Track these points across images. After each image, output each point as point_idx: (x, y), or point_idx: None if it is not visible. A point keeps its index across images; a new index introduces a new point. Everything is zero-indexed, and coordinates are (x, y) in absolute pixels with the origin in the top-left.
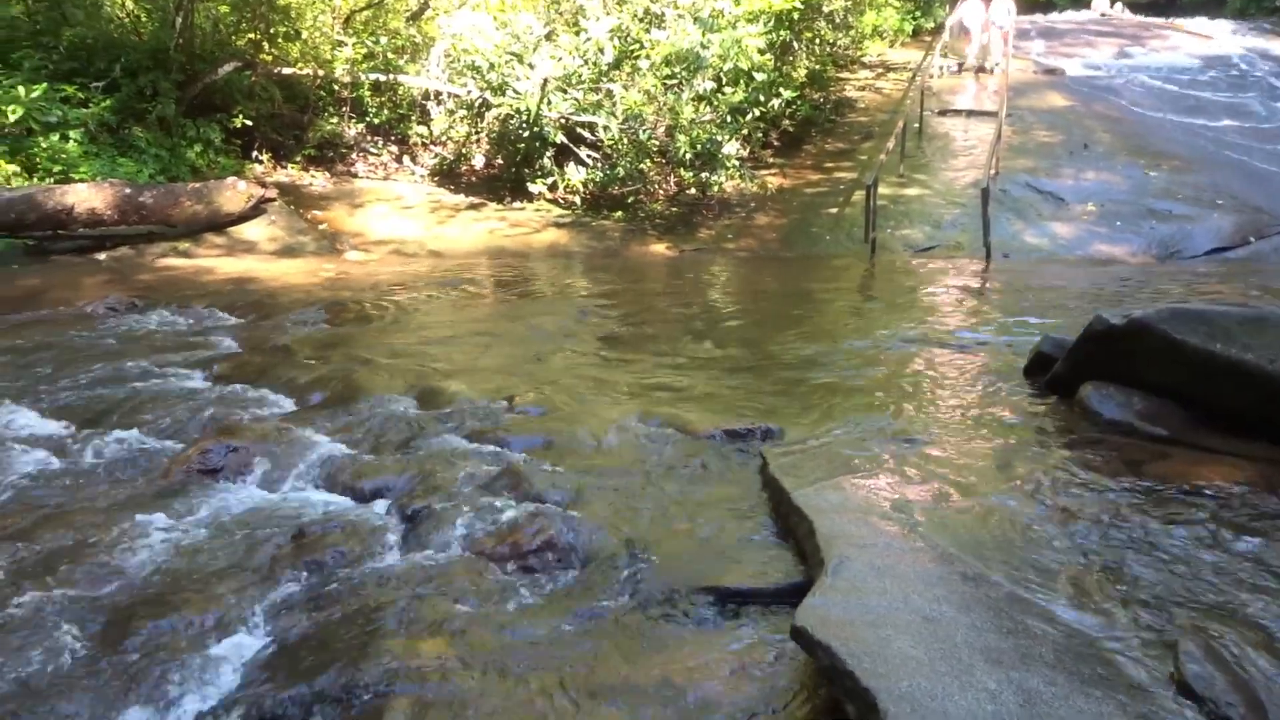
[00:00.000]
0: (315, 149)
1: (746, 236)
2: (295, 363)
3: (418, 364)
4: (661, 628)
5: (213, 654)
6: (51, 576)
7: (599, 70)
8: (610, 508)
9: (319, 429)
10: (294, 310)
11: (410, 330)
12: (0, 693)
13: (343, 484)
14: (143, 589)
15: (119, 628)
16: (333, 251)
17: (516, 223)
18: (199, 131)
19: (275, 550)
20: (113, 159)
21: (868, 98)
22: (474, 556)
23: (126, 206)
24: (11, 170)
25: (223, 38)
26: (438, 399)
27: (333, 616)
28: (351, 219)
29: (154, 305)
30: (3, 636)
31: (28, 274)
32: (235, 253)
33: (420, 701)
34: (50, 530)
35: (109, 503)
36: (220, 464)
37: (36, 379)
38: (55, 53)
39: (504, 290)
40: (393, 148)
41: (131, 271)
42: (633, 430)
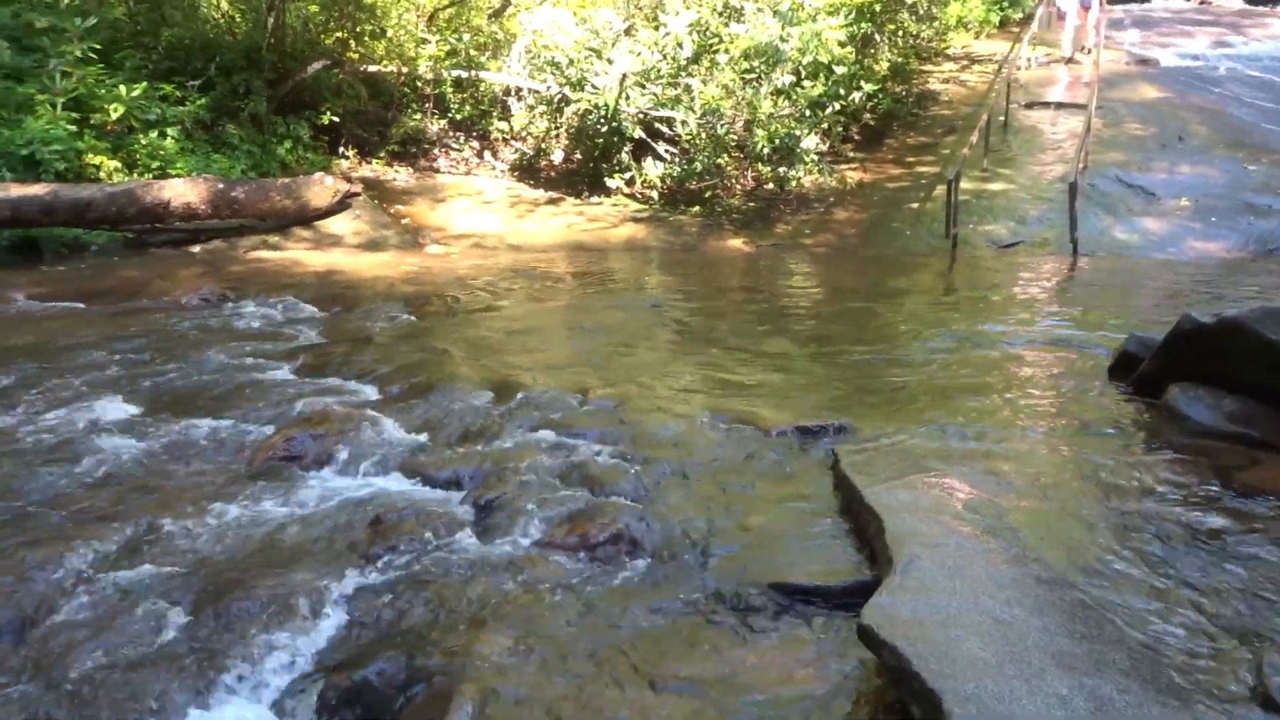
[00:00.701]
0: (399, 145)
1: (824, 232)
2: (377, 354)
3: (494, 356)
4: (727, 622)
5: (293, 632)
6: (146, 554)
7: (677, 65)
8: (680, 501)
9: (398, 419)
10: (377, 303)
11: (489, 323)
12: (98, 663)
13: (419, 473)
14: (229, 568)
15: (207, 604)
16: (415, 245)
17: (594, 217)
18: (289, 128)
19: (353, 536)
20: (207, 155)
21: (951, 90)
22: (544, 546)
23: (220, 201)
24: (113, 166)
25: (312, 37)
26: (513, 391)
27: (406, 601)
28: (433, 213)
29: (244, 297)
30: (101, 610)
31: (128, 266)
32: (322, 246)
33: (487, 687)
34: (145, 510)
35: (199, 486)
36: (303, 451)
37: (135, 367)
38: (154, 53)
39: (580, 284)
40: (474, 143)
41: (223, 264)
42: (704, 425)
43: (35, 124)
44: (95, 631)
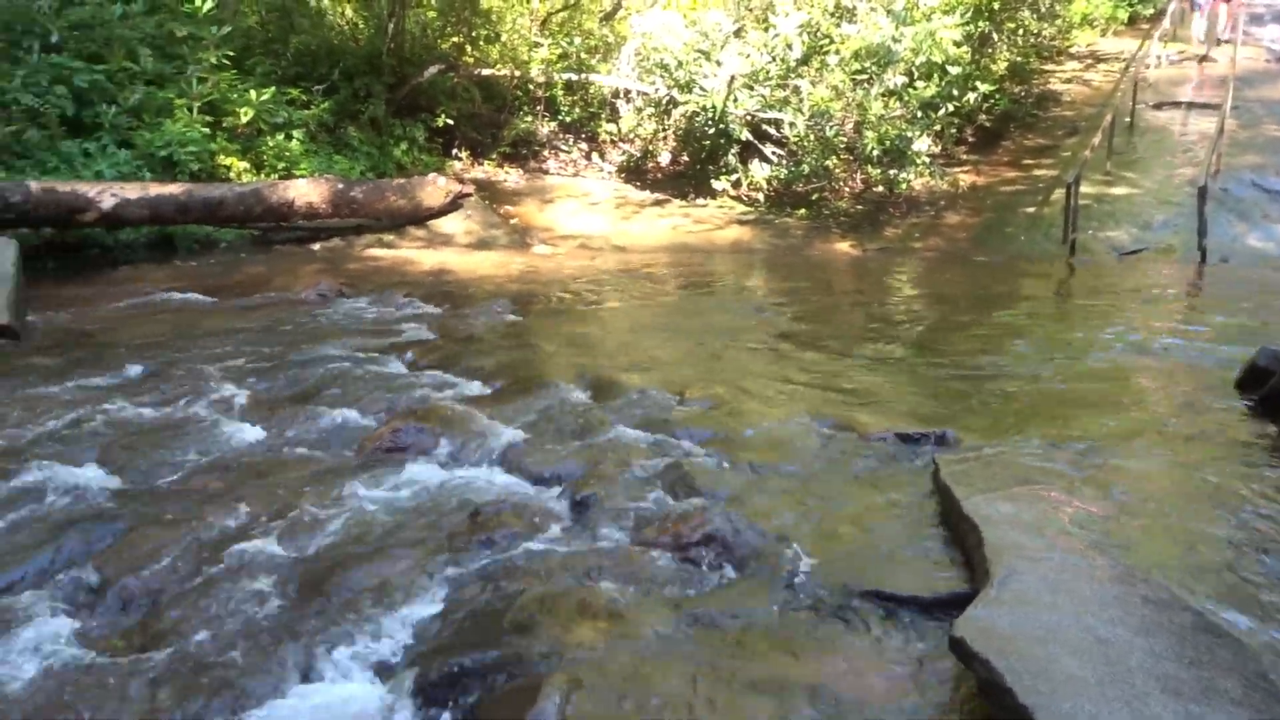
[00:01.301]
0: (510, 146)
1: (935, 236)
2: (483, 350)
3: (596, 355)
4: (817, 628)
5: (394, 615)
6: (261, 535)
7: (787, 66)
8: (774, 505)
9: (500, 414)
10: (484, 300)
11: (591, 322)
12: (212, 635)
13: (518, 467)
14: (336, 551)
15: (315, 585)
16: (522, 245)
17: (700, 219)
18: (405, 130)
19: (453, 526)
20: (329, 156)
21: (1074, 90)
22: (637, 544)
23: (339, 200)
24: (242, 167)
25: (429, 42)
26: (613, 390)
27: (501, 592)
28: (541, 214)
29: (359, 293)
30: (218, 585)
31: (253, 262)
32: (433, 245)
33: (577, 680)
34: (263, 493)
35: (310, 472)
36: (409, 443)
37: (257, 358)
38: (283, 59)
39: (684, 285)
40: (583, 145)
41: (341, 261)
42: (802, 428)
43: (173, 127)
44: (211, 605)
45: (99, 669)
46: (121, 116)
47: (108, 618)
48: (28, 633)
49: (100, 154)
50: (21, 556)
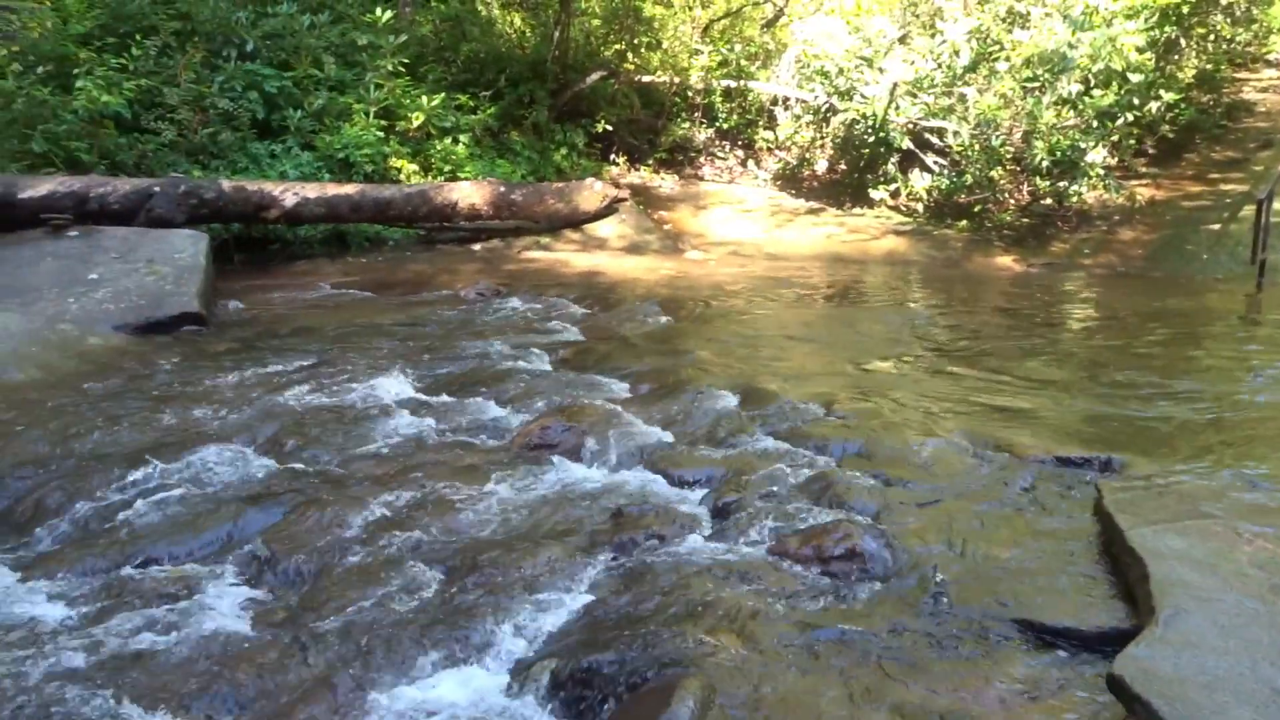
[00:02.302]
0: (666, 152)
1: (1106, 252)
2: (631, 353)
3: (744, 362)
4: (963, 654)
5: (534, 609)
6: (415, 521)
7: (953, 73)
8: (921, 524)
9: (646, 416)
10: (635, 304)
11: (741, 329)
12: (364, 613)
13: (662, 470)
14: (483, 542)
15: (461, 573)
16: (674, 251)
17: (855, 228)
18: (565, 135)
19: (596, 524)
20: (492, 160)
21: (1270, 101)
22: (777, 555)
23: (500, 203)
24: (411, 169)
25: (592, 49)
26: (759, 398)
27: (640, 592)
28: (694, 220)
29: (515, 293)
30: (372, 566)
31: (418, 260)
32: (588, 248)
33: (712, 687)
34: (418, 482)
35: (461, 464)
36: (557, 440)
37: (418, 352)
38: (454, 66)
39: (836, 295)
40: (739, 152)
41: (499, 261)
42: (954, 446)
43: (351, 130)
44: (365, 585)
45: (261, 638)
46: (305, 120)
47: (273, 590)
48: (205, 599)
49: (285, 155)
50: (203, 528)
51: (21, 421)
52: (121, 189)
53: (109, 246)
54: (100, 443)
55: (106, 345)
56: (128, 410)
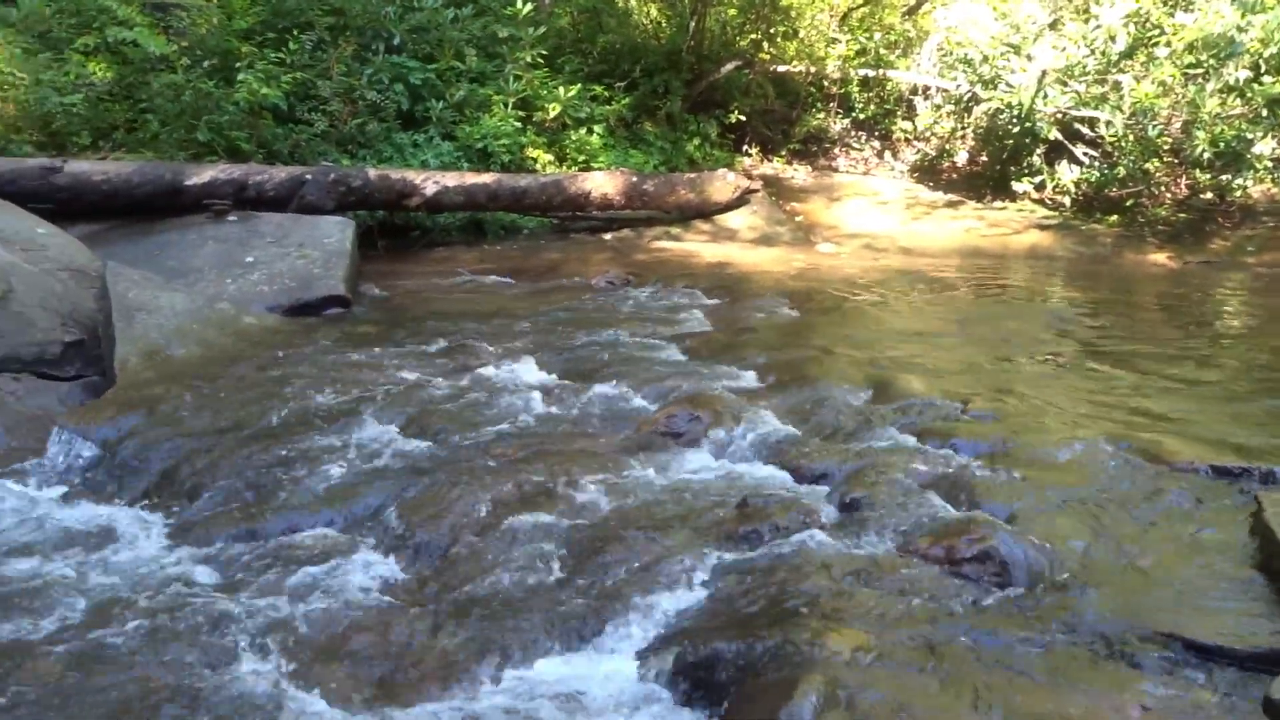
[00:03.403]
0: (800, 143)
1: (1273, 250)
2: (759, 344)
3: (875, 357)
4: (1103, 668)
5: (658, 596)
6: (539, 504)
7: (1107, 60)
8: (1060, 529)
9: (773, 408)
10: (764, 296)
11: (872, 323)
12: (491, 593)
13: (788, 463)
14: (605, 528)
15: (586, 557)
16: (806, 243)
17: (995, 222)
18: (698, 126)
19: (720, 515)
20: (625, 151)
21: None
22: (905, 553)
23: (632, 193)
24: (547, 159)
25: (728, 39)
26: (890, 393)
27: (763, 585)
28: (827, 212)
29: (644, 282)
30: (500, 547)
31: (551, 249)
32: (718, 239)
33: (834, 683)
34: (542, 465)
35: (589, 449)
36: (683, 429)
37: (549, 337)
38: (590, 57)
39: (974, 291)
40: (875, 143)
41: (629, 251)
42: (1097, 451)
43: (490, 121)
44: (493, 565)
45: (396, 609)
46: (447, 111)
47: (408, 563)
48: (344, 568)
49: (427, 145)
50: (343, 500)
51: (182, 394)
52: (277, 177)
53: (264, 231)
54: (251, 416)
55: (260, 324)
56: (277, 386)
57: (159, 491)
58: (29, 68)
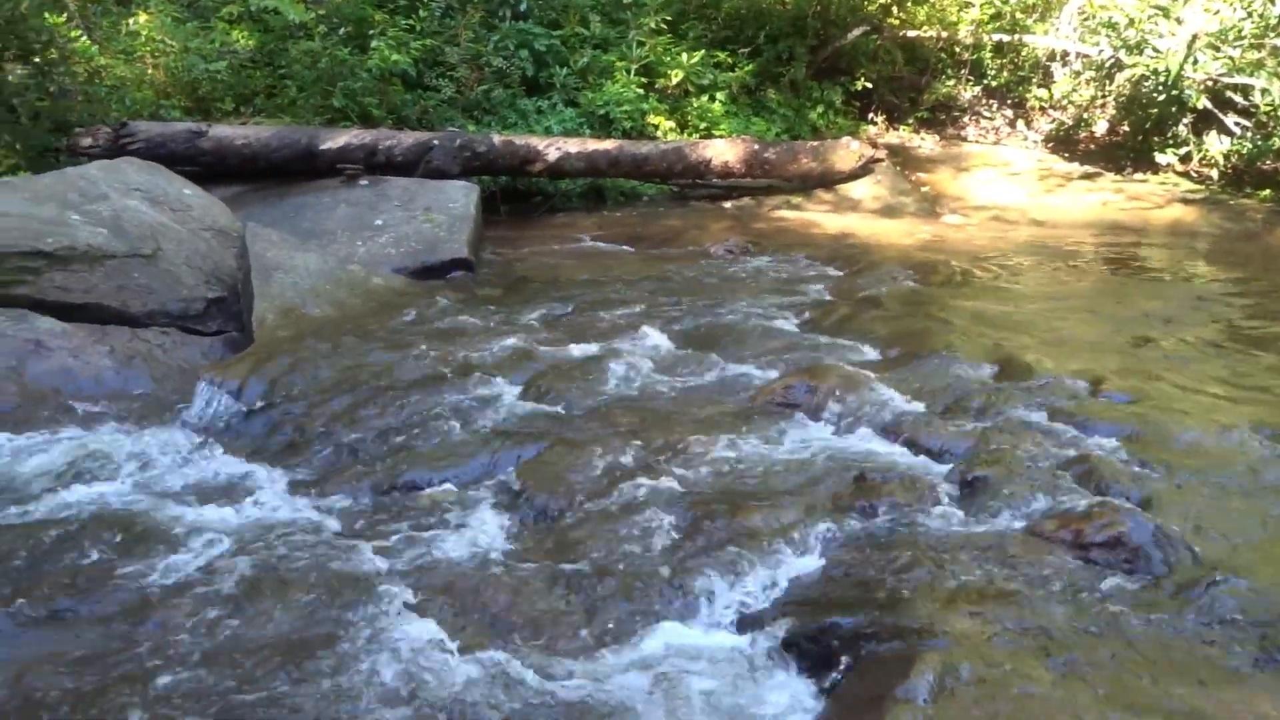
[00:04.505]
0: (928, 112)
1: None
2: (880, 317)
3: (1001, 332)
4: (1237, 666)
5: (771, 566)
6: (654, 470)
7: (1265, 23)
8: (1197, 517)
9: (893, 382)
10: (886, 267)
11: (999, 298)
12: (603, 555)
13: (907, 438)
14: (721, 496)
15: (699, 524)
16: (931, 214)
17: (1135, 195)
18: (822, 93)
19: (836, 487)
20: (747, 118)
21: None
22: (1029, 536)
23: (753, 161)
24: (668, 126)
25: (855, 3)
26: (1016, 370)
27: (879, 560)
28: (954, 182)
29: (764, 251)
30: (613, 511)
31: (670, 216)
32: (839, 209)
33: (952, 663)
34: (657, 431)
35: (704, 417)
36: (800, 400)
37: (667, 305)
38: (714, 23)
39: (1109, 267)
40: (1007, 111)
41: (749, 219)
42: (1240, 437)
43: (613, 87)
44: (609, 526)
45: (509, 566)
46: (571, 78)
47: (524, 522)
48: (462, 525)
49: (550, 111)
50: (463, 459)
51: (315, 351)
52: (405, 142)
53: (392, 195)
54: (379, 375)
55: (387, 286)
56: (403, 347)
57: (292, 444)
58: (178, 36)
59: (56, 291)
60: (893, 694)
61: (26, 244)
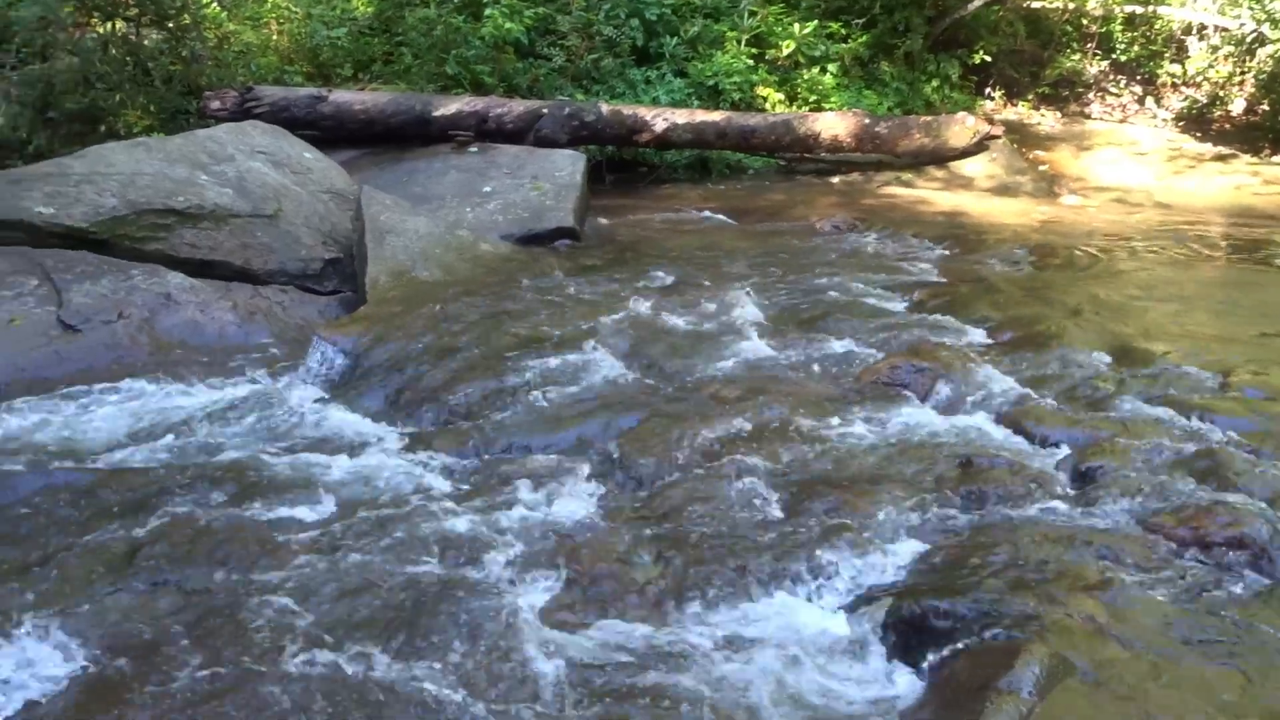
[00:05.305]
0: (1050, 87)
1: None
2: (992, 299)
3: (1120, 319)
4: None
5: (872, 547)
6: (754, 445)
7: None
8: None
9: (1004, 366)
10: (999, 248)
11: (1119, 284)
12: (703, 524)
13: (1017, 425)
14: (820, 474)
15: (798, 502)
16: (1048, 194)
17: (1272, 180)
18: (938, 67)
19: (941, 472)
20: (859, 91)
21: None
22: (1146, 531)
23: (864, 135)
24: (777, 98)
25: None
26: (1136, 359)
27: (985, 546)
28: (1075, 162)
29: (871, 228)
30: (714, 482)
31: (775, 190)
32: (951, 187)
33: (1060, 656)
34: (758, 406)
35: (806, 393)
36: (906, 381)
37: (769, 279)
38: None
39: (1241, 254)
40: (1135, 88)
41: (857, 196)
42: None
43: (722, 58)
44: (707, 499)
45: (609, 534)
46: (680, 48)
47: (623, 490)
48: (563, 490)
49: (659, 81)
50: (565, 425)
51: (424, 314)
52: (515, 110)
53: (501, 163)
54: (483, 338)
55: (494, 252)
56: (509, 312)
57: (401, 402)
58: (301, 3)
59: (186, 248)
60: (996, 685)
61: (160, 202)
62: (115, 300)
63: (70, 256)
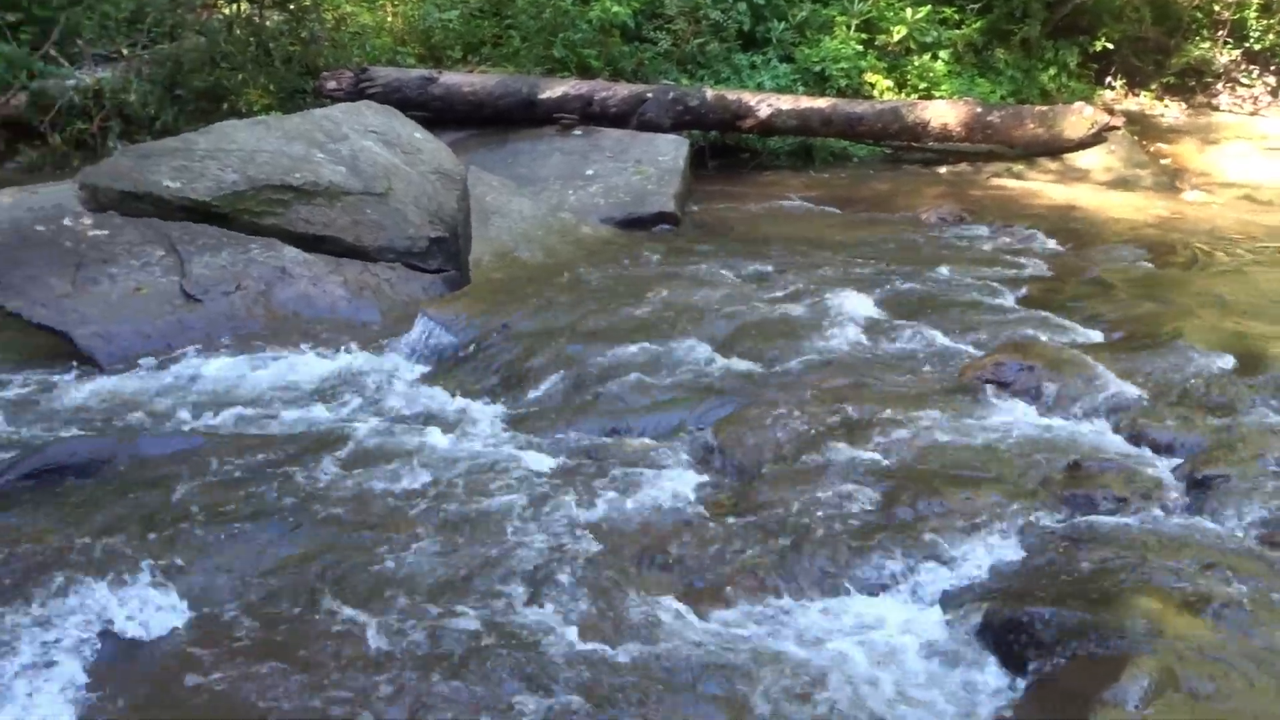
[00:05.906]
0: (1175, 76)
1: None
2: (1105, 297)
3: (1244, 322)
4: None
5: (971, 547)
6: (851, 437)
7: None
8: None
9: (1115, 367)
10: (1114, 244)
11: (1242, 285)
12: (801, 517)
13: (1130, 428)
14: (919, 470)
15: (896, 499)
16: (1170, 189)
17: None
18: (1056, 54)
19: (1047, 473)
20: (971, 79)
21: None
22: (1265, 545)
23: (975, 124)
24: (885, 85)
25: None
26: (1261, 364)
27: (1090, 553)
28: (1199, 156)
29: (980, 220)
30: (811, 474)
31: (880, 179)
32: (1065, 179)
33: (1170, 672)
34: (858, 398)
35: (907, 387)
36: (1011, 379)
37: (872, 270)
38: None
39: None
40: (1269, 79)
41: (965, 186)
42: None
43: (830, 43)
44: (801, 490)
45: (703, 522)
46: (787, 32)
47: (718, 477)
48: (659, 475)
49: (764, 66)
50: (663, 410)
51: (526, 294)
52: (620, 94)
53: (605, 146)
54: (584, 320)
55: (595, 235)
56: (610, 296)
57: (502, 381)
58: None
59: (301, 224)
60: (1100, 696)
61: (278, 178)
62: (234, 272)
63: (194, 229)
